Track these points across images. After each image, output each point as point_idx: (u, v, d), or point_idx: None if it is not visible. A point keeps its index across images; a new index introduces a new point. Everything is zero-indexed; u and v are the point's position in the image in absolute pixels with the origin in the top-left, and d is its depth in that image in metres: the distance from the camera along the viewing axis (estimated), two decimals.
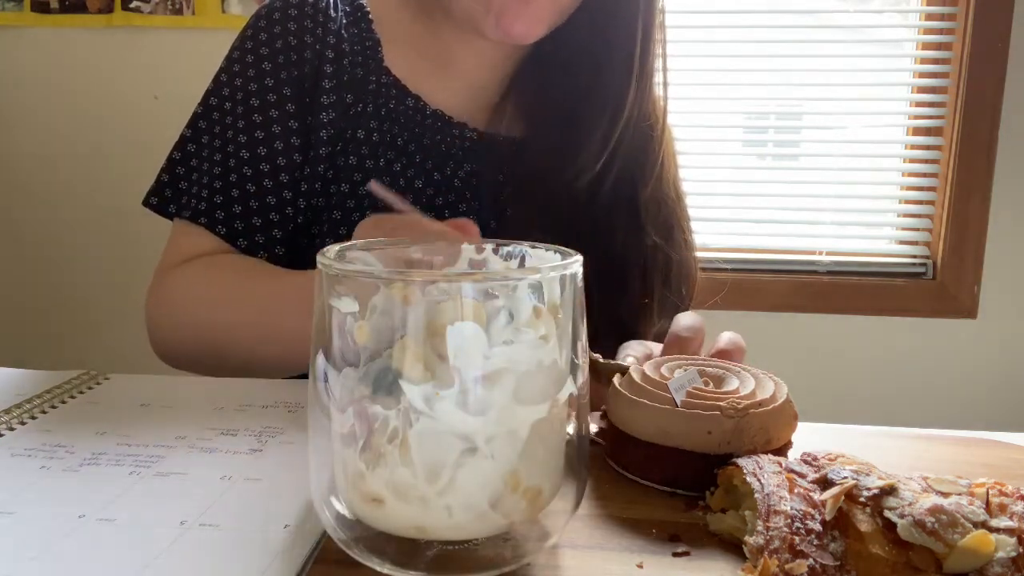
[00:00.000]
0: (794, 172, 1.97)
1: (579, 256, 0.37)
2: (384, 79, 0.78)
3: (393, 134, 0.77)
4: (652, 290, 0.79)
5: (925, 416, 1.86)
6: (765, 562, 0.34)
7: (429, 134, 0.78)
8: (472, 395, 0.34)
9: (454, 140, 0.78)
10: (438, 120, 0.78)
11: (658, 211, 0.80)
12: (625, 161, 0.77)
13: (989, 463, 0.50)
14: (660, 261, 0.80)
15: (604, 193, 0.76)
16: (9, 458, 0.48)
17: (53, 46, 1.87)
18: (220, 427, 0.53)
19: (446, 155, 0.78)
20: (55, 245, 1.96)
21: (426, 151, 0.78)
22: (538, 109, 0.78)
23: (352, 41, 0.78)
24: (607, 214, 0.77)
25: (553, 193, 0.75)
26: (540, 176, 0.76)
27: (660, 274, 0.80)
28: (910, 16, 1.91)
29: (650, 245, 0.79)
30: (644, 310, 0.79)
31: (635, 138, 0.77)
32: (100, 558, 0.37)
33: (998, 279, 1.83)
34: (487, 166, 0.78)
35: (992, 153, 1.80)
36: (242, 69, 0.77)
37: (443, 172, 0.78)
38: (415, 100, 0.78)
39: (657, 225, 0.79)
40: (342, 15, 0.79)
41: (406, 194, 0.76)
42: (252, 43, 0.77)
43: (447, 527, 0.35)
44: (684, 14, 1.86)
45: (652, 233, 0.79)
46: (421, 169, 0.77)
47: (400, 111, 0.77)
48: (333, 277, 0.35)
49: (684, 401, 0.45)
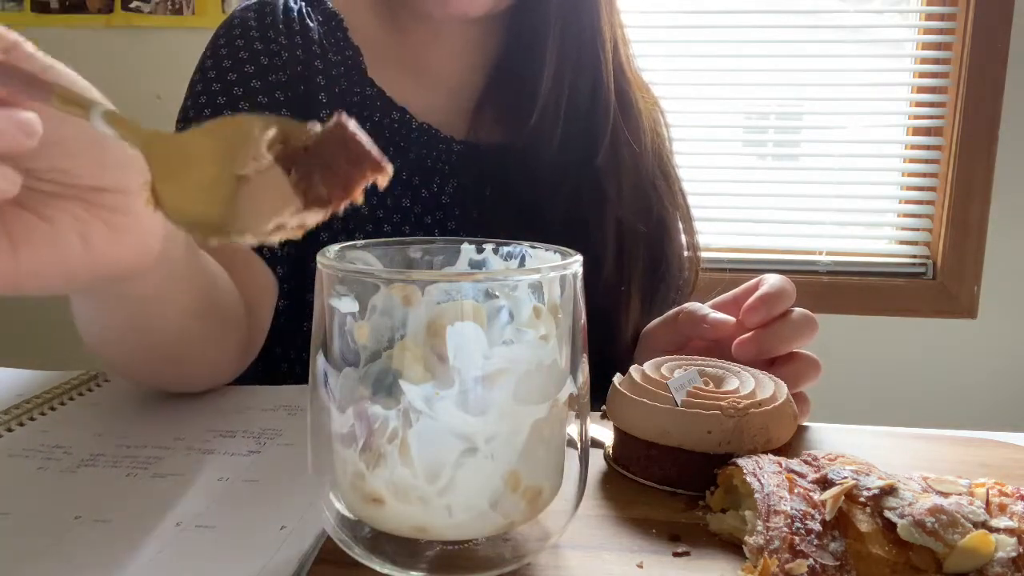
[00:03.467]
0: (794, 172, 1.97)
1: (579, 256, 0.37)
2: (369, 90, 0.75)
3: (379, 148, 0.75)
4: (629, 277, 0.77)
5: (925, 416, 1.85)
6: (765, 562, 0.34)
7: (415, 148, 0.76)
8: (472, 395, 0.34)
9: (440, 154, 0.76)
10: (424, 134, 0.76)
11: (637, 197, 0.78)
12: (574, 128, 0.75)
13: (989, 463, 0.50)
14: (640, 250, 0.77)
15: (562, 162, 0.75)
16: (7, 459, 0.48)
17: (53, 46, 1.85)
18: (219, 429, 0.53)
19: (433, 170, 0.76)
20: None
21: (412, 166, 0.75)
22: (516, 108, 0.76)
23: (334, 51, 0.75)
24: (569, 187, 0.75)
25: (537, 192, 0.74)
26: (528, 180, 0.75)
27: (642, 264, 0.78)
28: (910, 16, 1.91)
29: (628, 230, 0.76)
30: (622, 298, 0.76)
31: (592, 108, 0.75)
32: (97, 560, 0.37)
33: (998, 279, 1.83)
34: (473, 179, 0.76)
35: (992, 153, 1.80)
36: (219, 76, 0.73)
37: (430, 188, 0.76)
38: (401, 112, 0.75)
39: (638, 211, 0.77)
40: (317, 24, 0.76)
41: (393, 215, 0.74)
42: (227, 50, 0.74)
43: (447, 527, 0.35)
44: (684, 14, 1.86)
45: (632, 219, 0.76)
46: (408, 186, 0.75)
47: (386, 124, 0.75)
48: (333, 277, 0.35)
49: (684, 401, 0.45)
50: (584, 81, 0.75)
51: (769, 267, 2.01)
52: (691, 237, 0.83)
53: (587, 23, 0.74)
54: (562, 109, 0.74)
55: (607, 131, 0.75)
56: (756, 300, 0.57)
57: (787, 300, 0.58)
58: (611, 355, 0.76)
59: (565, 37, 0.74)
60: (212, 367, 0.61)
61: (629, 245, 0.77)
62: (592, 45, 0.75)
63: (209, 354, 0.59)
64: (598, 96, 0.75)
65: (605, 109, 0.76)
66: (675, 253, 0.82)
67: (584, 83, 0.75)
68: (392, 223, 0.74)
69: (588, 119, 0.75)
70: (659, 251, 0.80)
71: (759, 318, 0.56)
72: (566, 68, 0.74)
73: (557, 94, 0.74)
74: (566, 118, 0.74)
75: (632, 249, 0.77)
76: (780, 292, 0.57)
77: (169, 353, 0.56)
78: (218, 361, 0.61)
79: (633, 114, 0.78)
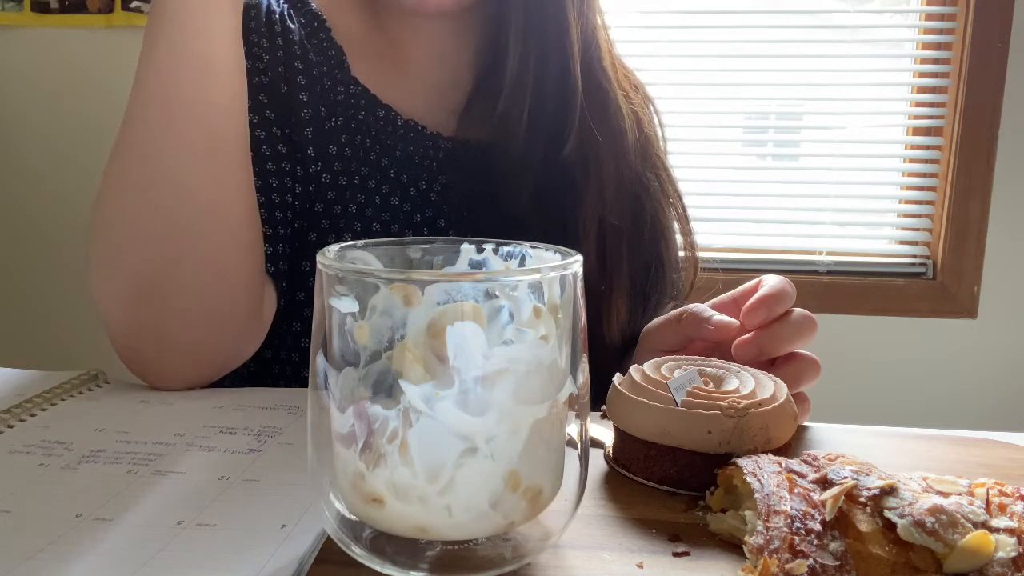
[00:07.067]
0: (794, 172, 1.97)
1: (579, 256, 0.37)
2: (353, 89, 0.75)
3: (365, 148, 0.75)
4: (612, 278, 0.76)
5: (925, 416, 1.86)
6: (765, 562, 0.34)
7: (402, 145, 0.75)
8: (472, 395, 0.34)
9: (427, 151, 0.76)
10: (410, 131, 0.76)
11: (621, 196, 0.77)
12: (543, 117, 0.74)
13: (989, 463, 0.50)
14: (625, 250, 0.77)
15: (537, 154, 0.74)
16: (8, 455, 0.48)
17: (53, 46, 1.87)
18: (219, 425, 0.53)
19: (420, 167, 0.76)
20: (55, 245, 1.96)
21: (400, 164, 0.75)
22: (503, 106, 0.75)
23: (316, 51, 0.75)
24: (538, 183, 0.74)
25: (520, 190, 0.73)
26: (499, 175, 0.74)
27: (627, 264, 0.77)
28: (910, 16, 1.91)
29: (611, 230, 0.76)
30: (603, 299, 0.75)
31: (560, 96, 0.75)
32: (97, 558, 0.37)
33: (998, 279, 1.84)
34: (461, 176, 0.76)
35: (992, 153, 1.80)
36: None
37: (418, 186, 0.75)
38: (386, 110, 0.75)
39: (625, 211, 0.77)
40: (299, 25, 0.76)
41: (382, 213, 0.74)
42: None
43: (447, 527, 0.35)
44: (685, 14, 1.86)
45: (616, 219, 0.76)
46: (396, 184, 0.75)
47: (371, 122, 0.75)
48: (333, 277, 0.35)
49: (684, 401, 0.45)
50: (549, 72, 0.74)
51: (769, 267, 2.02)
52: (687, 237, 0.83)
53: (551, 13, 0.74)
54: (527, 100, 0.73)
55: (575, 125, 0.75)
56: (756, 301, 0.57)
57: (787, 301, 0.58)
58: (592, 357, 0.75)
59: (528, 26, 0.73)
60: (219, 280, 0.61)
61: (612, 246, 0.76)
62: (557, 35, 0.74)
63: (218, 257, 0.61)
64: (564, 88, 0.74)
65: (573, 102, 0.75)
66: (671, 253, 0.81)
67: (549, 74, 0.74)
68: (381, 221, 0.74)
69: (555, 112, 0.74)
70: (653, 251, 0.80)
71: (759, 319, 0.57)
72: (530, 59, 0.73)
73: (521, 85, 0.73)
74: (531, 110, 0.73)
75: (616, 250, 0.76)
76: (780, 293, 0.57)
77: (179, 216, 0.59)
78: (225, 274, 0.62)
79: (613, 111, 0.77)
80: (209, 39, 0.59)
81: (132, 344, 0.62)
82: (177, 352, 0.62)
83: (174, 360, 0.62)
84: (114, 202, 0.60)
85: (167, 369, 0.62)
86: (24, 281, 1.99)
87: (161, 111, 0.59)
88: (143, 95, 0.60)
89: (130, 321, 0.61)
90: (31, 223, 1.96)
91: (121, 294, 0.61)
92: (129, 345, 0.62)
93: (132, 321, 0.61)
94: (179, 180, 0.59)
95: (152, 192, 0.59)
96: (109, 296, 0.61)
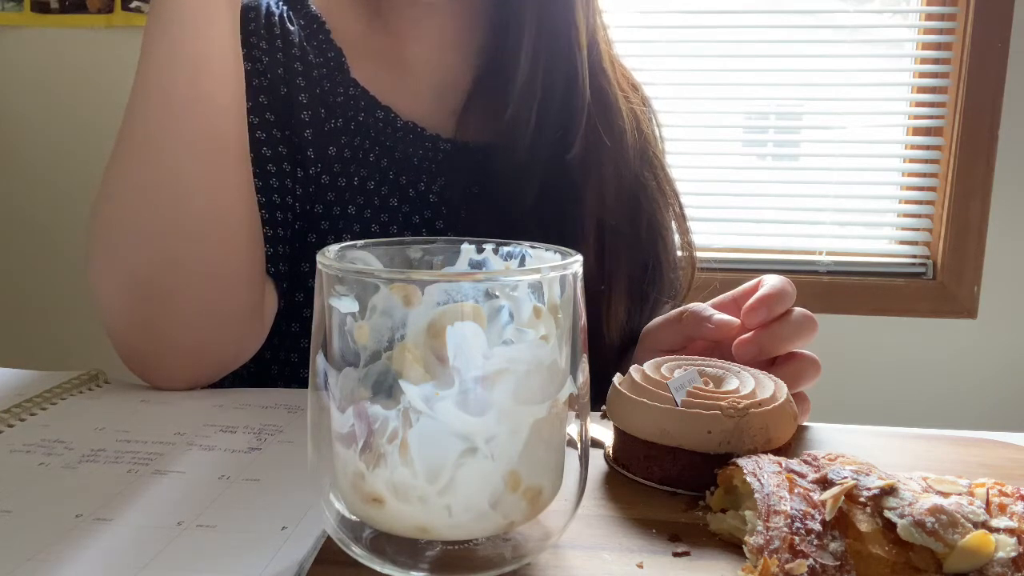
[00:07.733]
0: (794, 172, 1.97)
1: (579, 256, 0.37)
2: (352, 90, 0.75)
3: (365, 149, 0.75)
4: (611, 278, 0.76)
5: (925, 416, 1.86)
6: (765, 562, 0.34)
7: (401, 147, 0.75)
8: (472, 395, 0.34)
9: (427, 152, 0.76)
10: (409, 132, 0.76)
11: (620, 197, 0.77)
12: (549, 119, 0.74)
13: (989, 463, 0.50)
14: (623, 250, 0.77)
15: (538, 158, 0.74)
16: (8, 454, 0.48)
17: (53, 46, 1.87)
18: (219, 424, 0.53)
19: (419, 168, 0.76)
20: (55, 245, 1.96)
21: (399, 165, 0.75)
22: (499, 106, 0.75)
23: (315, 53, 0.75)
24: (543, 184, 0.74)
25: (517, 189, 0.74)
26: (503, 177, 0.74)
27: (626, 265, 0.77)
28: (910, 16, 1.91)
29: (610, 230, 0.76)
30: (602, 299, 0.75)
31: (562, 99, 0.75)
32: (97, 558, 0.37)
33: (998, 279, 1.84)
34: (461, 178, 0.76)
35: (992, 153, 1.80)
36: None
37: (417, 187, 0.75)
38: (385, 112, 0.75)
39: (624, 212, 0.77)
40: (298, 28, 0.76)
41: (381, 215, 0.74)
42: None
43: (447, 527, 0.35)
44: (685, 14, 1.86)
45: (614, 220, 0.76)
46: (395, 185, 0.75)
47: (370, 123, 0.75)
48: (333, 277, 0.35)
49: (684, 401, 0.45)
50: (558, 76, 0.74)
51: (769, 267, 2.02)
52: (685, 236, 0.83)
53: (561, 16, 0.74)
54: (535, 103, 0.73)
55: (581, 127, 0.75)
56: (756, 300, 0.57)
57: (787, 301, 0.58)
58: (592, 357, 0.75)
59: (540, 30, 0.73)
60: (219, 280, 0.61)
61: (611, 246, 0.76)
62: (567, 38, 0.74)
63: (218, 257, 0.61)
64: (572, 92, 0.75)
65: (580, 105, 0.75)
66: (668, 252, 0.81)
67: (558, 78, 0.74)
68: (380, 222, 0.74)
69: (562, 115, 0.75)
70: (651, 251, 0.80)
71: (759, 319, 0.57)
72: (540, 61, 0.73)
73: (531, 88, 0.73)
74: (539, 113, 0.74)
75: (614, 250, 0.76)
76: (780, 293, 0.57)
77: (179, 213, 0.59)
78: (225, 274, 0.61)
79: (612, 112, 0.77)
80: (207, 38, 0.59)
81: (132, 344, 0.62)
82: (177, 352, 0.62)
83: (174, 360, 0.62)
84: (114, 202, 0.60)
85: (167, 369, 0.62)
86: (24, 281, 1.99)
87: (160, 111, 0.59)
88: (142, 94, 0.60)
89: (130, 321, 0.61)
90: (31, 223, 1.97)
91: (121, 294, 0.61)
92: (129, 345, 0.62)
93: (132, 321, 0.61)
94: (179, 180, 0.59)
95: (152, 192, 0.59)
96: (109, 296, 0.61)
